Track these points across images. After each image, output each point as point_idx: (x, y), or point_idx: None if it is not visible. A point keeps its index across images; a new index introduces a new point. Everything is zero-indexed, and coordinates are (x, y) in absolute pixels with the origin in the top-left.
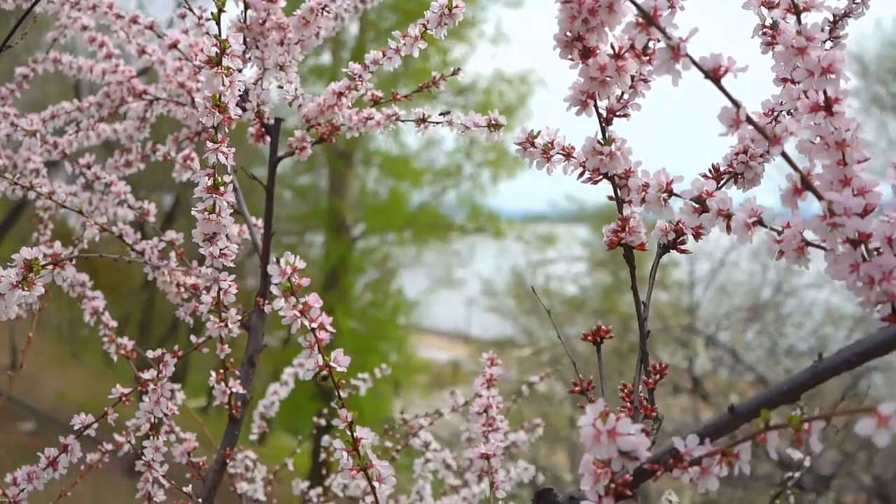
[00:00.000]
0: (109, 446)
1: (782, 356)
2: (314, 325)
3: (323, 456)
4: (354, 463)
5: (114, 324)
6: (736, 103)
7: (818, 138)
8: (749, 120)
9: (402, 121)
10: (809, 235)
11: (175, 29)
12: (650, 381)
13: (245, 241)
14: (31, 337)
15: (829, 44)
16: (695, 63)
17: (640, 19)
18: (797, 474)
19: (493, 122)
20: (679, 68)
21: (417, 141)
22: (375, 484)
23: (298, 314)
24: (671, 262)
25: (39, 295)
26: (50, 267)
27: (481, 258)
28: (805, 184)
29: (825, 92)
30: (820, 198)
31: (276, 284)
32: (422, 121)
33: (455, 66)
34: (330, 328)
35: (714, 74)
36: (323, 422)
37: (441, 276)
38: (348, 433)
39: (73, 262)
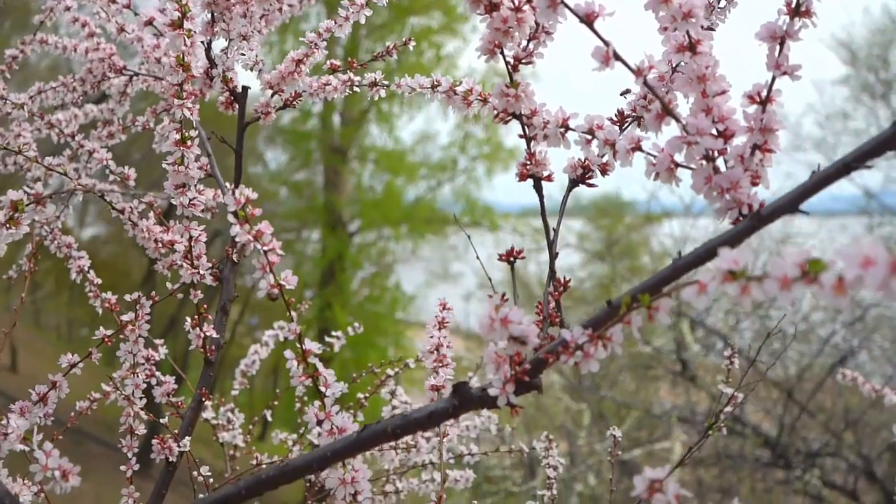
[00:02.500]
0: (97, 395)
1: (772, 339)
2: (266, 248)
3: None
4: (304, 370)
5: (98, 280)
6: (606, 42)
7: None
8: (616, 56)
9: (357, 86)
10: (678, 159)
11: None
12: (556, 293)
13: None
14: (23, 298)
15: (723, 2)
16: (570, 9)
17: None
18: (729, 409)
19: (435, 83)
20: (557, 15)
21: (412, 136)
22: (322, 388)
23: (252, 238)
24: (665, 254)
25: (29, 256)
26: (33, 206)
27: (477, 252)
28: (666, 110)
29: (688, 34)
30: (678, 121)
31: (231, 213)
32: (374, 84)
33: (408, 39)
34: (280, 251)
35: (588, 19)
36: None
37: (437, 270)
38: (298, 345)
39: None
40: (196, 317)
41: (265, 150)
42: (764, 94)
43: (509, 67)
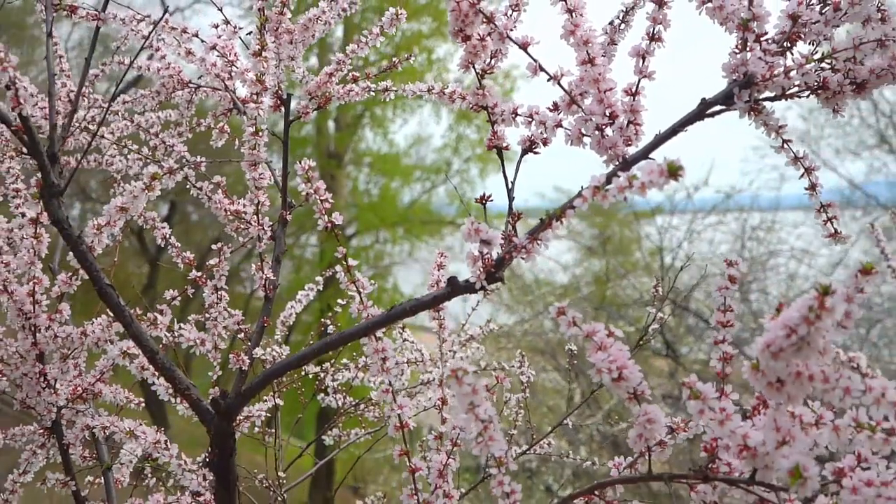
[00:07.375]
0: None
1: (751, 322)
2: (322, 198)
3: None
4: (347, 278)
5: (178, 245)
6: (535, 60)
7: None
8: (541, 68)
9: (374, 91)
10: (583, 131)
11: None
12: (513, 220)
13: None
14: (115, 266)
15: (623, 25)
16: (512, 41)
17: (484, 18)
18: (655, 326)
19: (430, 87)
20: (506, 44)
21: (406, 139)
22: (361, 290)
23: (312, 192)
24: (657, 250)
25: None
26: (167, 175)
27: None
28: (572, 100)
29: (587, 52)
30: (579, 107)
31: (299, 175)
32: (386, 90)
33: (409, 53)
34: (330, 200)
35: (523, 45)
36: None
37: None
38: (344, 262)
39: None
40: (259, 263)
41: None
42: (633, 89)
43: (478, 76)
